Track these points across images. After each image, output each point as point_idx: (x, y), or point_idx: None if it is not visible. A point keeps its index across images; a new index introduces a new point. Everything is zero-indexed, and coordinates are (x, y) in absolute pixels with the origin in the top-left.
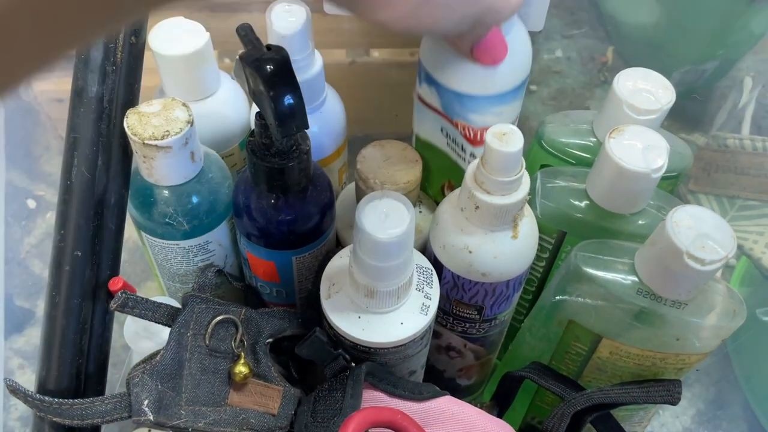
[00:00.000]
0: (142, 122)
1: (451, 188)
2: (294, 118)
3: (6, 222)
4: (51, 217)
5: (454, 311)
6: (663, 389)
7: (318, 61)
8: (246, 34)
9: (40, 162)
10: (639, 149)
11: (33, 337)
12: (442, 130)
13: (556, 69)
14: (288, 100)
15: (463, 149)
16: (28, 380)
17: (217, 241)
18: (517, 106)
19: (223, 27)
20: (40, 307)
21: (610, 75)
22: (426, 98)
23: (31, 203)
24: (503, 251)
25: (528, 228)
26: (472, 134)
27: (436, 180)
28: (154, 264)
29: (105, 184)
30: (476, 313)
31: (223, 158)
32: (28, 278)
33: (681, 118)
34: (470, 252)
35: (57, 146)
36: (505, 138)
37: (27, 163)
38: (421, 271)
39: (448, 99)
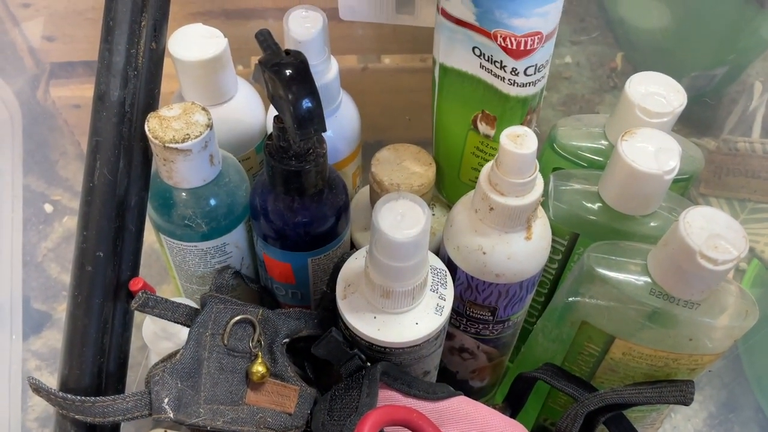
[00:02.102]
0: (163, 126)
1: (486, 119)
2: (312, 121)
3: (24, 226)
4: (68, 222)
5: (468, 312)
6: (676, 389)
7: (334, 67)
8: (265, 39)
9: (56, 167)
10: (651, 151)
11: (50, 339)
12: (474, 50)
13: (565, 75)
14: (306, 103)
15: (502, 67)
16: (46, 381)
17: (234, 243)
18: (561, 4)
19: (237, 34)
20: (57, 310)
21: (620, 80)
22: (454, 12)
23: (48, 208)
24: (517, 252)
25: (541, 229)
26: (514, 44)
27: (467, 113)
28: (171, 266)
29: (126, 186)
30: (490, 314)
31: (240, 162)
32: (45, 281)
33: (691, 123)
34: (484, 253)
35: (74, 151)
36: (519, 140)
37: (44, 168)
38: (435, 272)
39: (486, 6)
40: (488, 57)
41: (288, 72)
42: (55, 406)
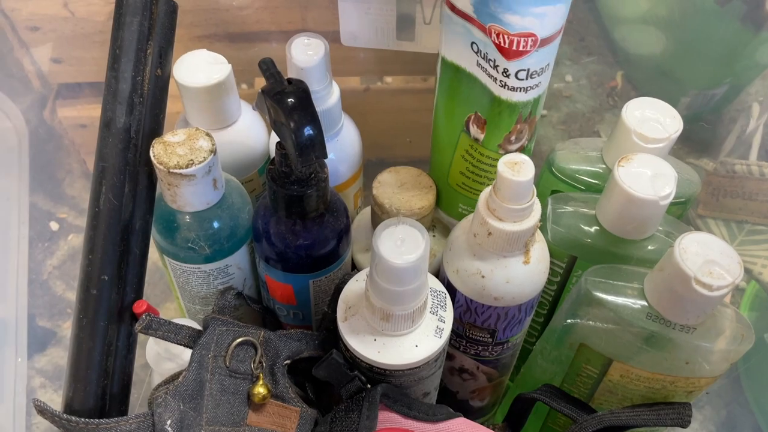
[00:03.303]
0: (168, 151)
1: (477, 122)
2: (314, 149)
3: (30, 244)
4: (73, 239)
5: (468, 334)
6: (673, 412)
7: (335, 92)
8: (268, 68)
9: (63, 185)
10: (647, 177)
11: (55, 356)
12: (472, 45)
13: (566, 94)
14: (308, 131)
15: (495, 66)
16: (50, 399)
17: (236, 264)
18: (562, 10)
19: (242, 56)
20: (62, 328)
21: (620, 100)
22: (457, 3)
23: (54, 225)
24: (515, 276)
25: (539, 253)
26: (507, 42)
27: (460, 113)
28: (175, 286)
29: (131, 210)
30: (489, 336)
31: (243, 183)
32: (50, 299)
33: (689, 144)
34: (483, 277)
35: (79, 170)
36: (516, 167)
37: (50, 186)
38: (435, 294)
39: None
40: (484, 54)
41: (290, 101)
42: (60, 427)
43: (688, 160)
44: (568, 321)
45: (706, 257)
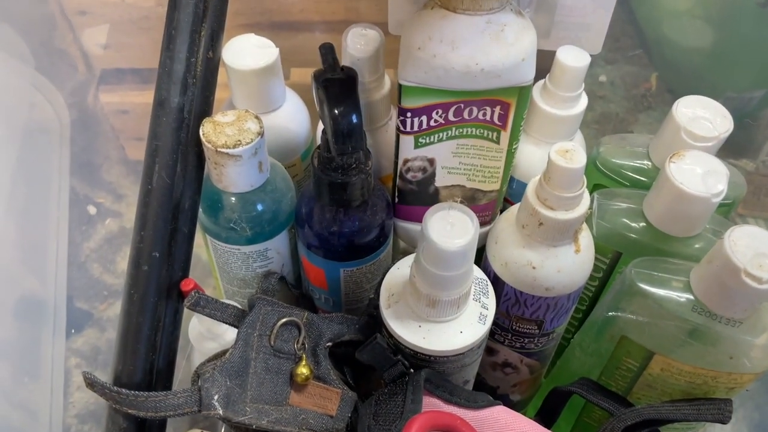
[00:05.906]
0: (217, 131)
1: None
2: (350, 138)
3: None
4: (110, 224)
5: (514, 327)
6: (714, 408)
7: (386, 84)
8: (326, 52)
9: (100, 171)
10: (699, 174)
11: (91, 337)
12: None
13: (600, 93)
14: (347, 119)
15: None
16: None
17: (276, 249)
18: None
19: (285, 45)
20: (99, 309)
21: (654, 101)
22: None
23: (92, 209)
24: (566, 265)
25: (587, 241)
26: None
27: None
28: (215, 267)
29: (182, 189)
30: (536, 327)
31: (285, 168)
32: (87, 281)
33: (727, 144)
34: (534, 268)
35: (117, 156)
36: (568, 155)
37: (88, 171)
38: (477, 282)
39: (516, 189)
40: None
41: (334, 87)
42: (109, 400)
43: (728, 161)
44: (610, 313)
45: (757, 250)
